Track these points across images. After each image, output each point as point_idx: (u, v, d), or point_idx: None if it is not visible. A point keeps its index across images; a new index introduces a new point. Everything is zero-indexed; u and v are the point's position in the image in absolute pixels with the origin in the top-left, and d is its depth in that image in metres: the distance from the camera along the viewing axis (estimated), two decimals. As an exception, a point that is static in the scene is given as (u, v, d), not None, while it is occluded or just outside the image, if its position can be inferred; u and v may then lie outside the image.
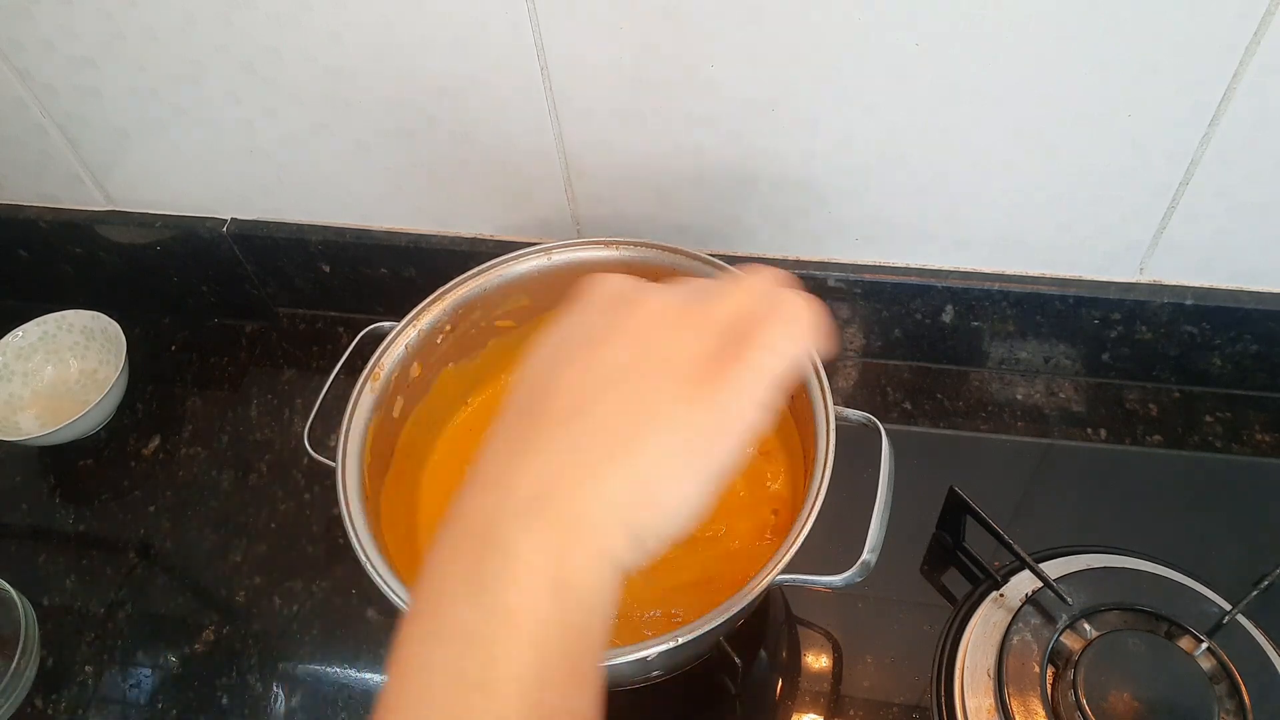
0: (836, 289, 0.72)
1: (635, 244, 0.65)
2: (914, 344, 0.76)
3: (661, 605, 0.59)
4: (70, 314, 0.81)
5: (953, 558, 0.66)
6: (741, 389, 0.31)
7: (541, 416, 0.31)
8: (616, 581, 0.30)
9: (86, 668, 0.67)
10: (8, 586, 0.67)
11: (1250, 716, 0.53)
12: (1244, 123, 0.56)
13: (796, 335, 0.32)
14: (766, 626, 0.65)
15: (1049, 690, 0.55)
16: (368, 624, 0.67)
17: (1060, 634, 0.57)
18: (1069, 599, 0.57)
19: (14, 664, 0.64)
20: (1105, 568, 0.60)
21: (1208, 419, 0.73)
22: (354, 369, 0.62)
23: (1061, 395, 0.75)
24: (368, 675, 0.65)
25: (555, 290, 0.67)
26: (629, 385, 0.31)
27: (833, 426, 0.55)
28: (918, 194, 0.65)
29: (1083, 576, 0.59)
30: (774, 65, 0.58)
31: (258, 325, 0.86)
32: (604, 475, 0.29)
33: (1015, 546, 0.59)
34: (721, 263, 0.63)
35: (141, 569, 0.72)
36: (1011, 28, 0.54)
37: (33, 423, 0.79)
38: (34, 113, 0.72)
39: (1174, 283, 0.68)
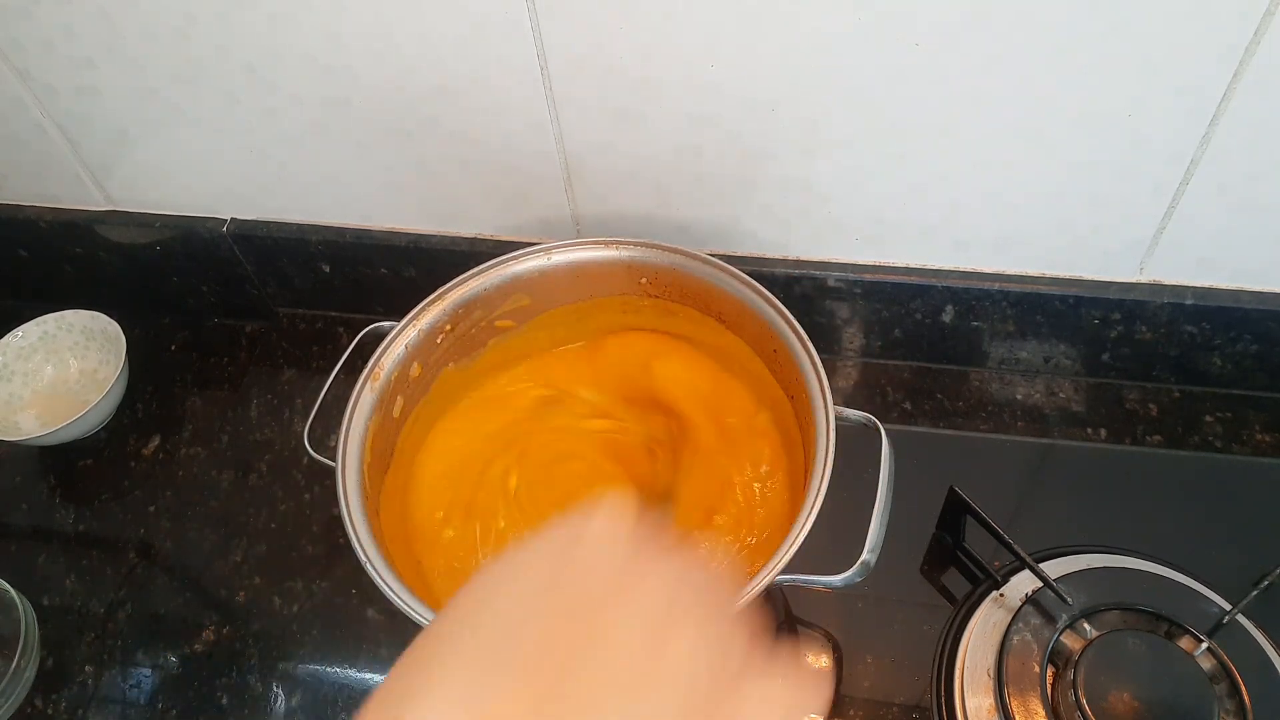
0: (836, 289, 0.72)
1: (635, 244, 0.65)
2: (914, 344, 0.76)
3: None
4: (70, 314, 0.81)
5: (953, 558, 0.66)
6: None
7: (511, 661, 0.28)
8: None
9: (86, 668, 0.67)
10: (8, 586, 0.67)
11: (1250, 716, 0.53)
12: (1244, 123, 0.56)
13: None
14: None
15: (1049, 690, 0.55)
16: (368, 624, 0.67)
17: (1060, 634, 0.57)
18: (1069, 599, 0.57)
19: (14, 664, 0.64)
20: (1105, 568, 0.60)
21: (1208, 419, 0.73)
22: (354, 369, 0.62)
23: (1061, 395, 0.75)
24: (368, 675, 0.65)
25: (555, 290, 0.67)
26: (628, 690, 0.28)
27: (833, 426, 0.55)
28: (918, 194, 0.65)
29: (1083, 576, 0.59)
30: (774, 65, 0.58)
31: (258, 325, 0.86)
32: None
33: (1015, 546, 0.59)
34: (721, 263, 0.63)
35: (141, 569, 0.72)
36: (1011, 27, 0.54)
37: (33, 423, 0.79)
38: (34, 113, 0.72)
39: (1174, 283, 0.68)
